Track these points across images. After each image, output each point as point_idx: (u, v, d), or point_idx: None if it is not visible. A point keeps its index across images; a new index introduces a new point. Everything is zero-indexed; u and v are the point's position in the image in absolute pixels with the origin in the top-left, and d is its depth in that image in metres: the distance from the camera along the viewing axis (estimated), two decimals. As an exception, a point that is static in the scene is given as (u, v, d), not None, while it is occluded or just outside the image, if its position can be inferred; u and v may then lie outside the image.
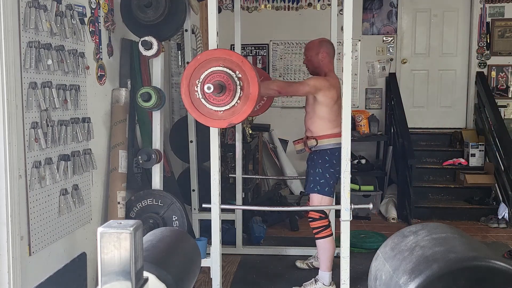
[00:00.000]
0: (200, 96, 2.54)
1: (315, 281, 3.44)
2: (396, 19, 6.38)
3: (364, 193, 5.71)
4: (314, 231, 3.38)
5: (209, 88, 2.40)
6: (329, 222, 3.42)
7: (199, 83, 2.52)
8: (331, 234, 3.40)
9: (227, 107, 2.54)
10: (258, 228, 4.52)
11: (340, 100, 3.17)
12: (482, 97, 6.14)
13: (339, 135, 3.35)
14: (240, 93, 2.51)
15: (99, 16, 3.07)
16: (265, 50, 6.41)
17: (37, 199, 2.39)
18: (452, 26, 6.38)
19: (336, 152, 3.35)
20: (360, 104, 6.45)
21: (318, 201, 3.38)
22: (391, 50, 6.42)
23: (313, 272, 3.65)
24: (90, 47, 2.95)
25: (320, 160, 3.38)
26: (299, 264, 3.93)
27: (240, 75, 2.52)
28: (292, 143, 3.61)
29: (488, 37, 6.27)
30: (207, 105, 2.54)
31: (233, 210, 4.29)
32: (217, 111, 2.55)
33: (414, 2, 6.38)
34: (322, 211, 3.35)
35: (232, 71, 2.51)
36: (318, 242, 3.39)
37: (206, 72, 2.51)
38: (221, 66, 2.51)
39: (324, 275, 3.41)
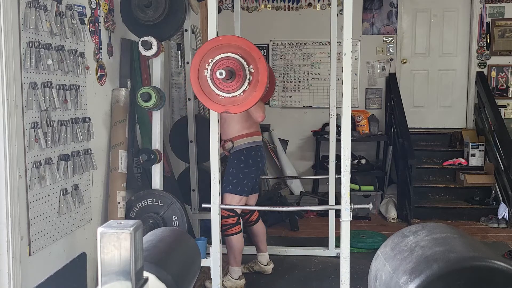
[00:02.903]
0: (208, 75, 2.54)
1: (225, 274, 3.51)
2: (396, 19, 6.38)
3: (364, 193, 5.71)
4: (223, 228, 3.41)
5: (221, 74, 2.42)
6: (238, 219, 3.47)
7: (211, 63, 2.52)
8: (240, 231, 3.46)
9: (229, 95, 2.54)
10: (258, 228, 4.51)
11: None
12: (482, 97, 6.14)
13: (253, 134, 3.50)
14: (246, 87, 2.52)
15: (99, 16, 3.07)
16: (265, 50, 6.41)
17: (37, 199, 2.39)
18: (452, 26, 6.38)
19: (252, 151, 3.45)
20: (360, 104, 6.45)
21: (229, 199, 3.44)
22: (391, 50, 6.42)
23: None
24: (90, 47, 2.94)
25: (235, 160, 3.46)
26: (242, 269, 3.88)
27: (252, 70, 2.53)
28: None
29: (488, 37, 6.27)
30: (211, 85, 2.54)
31: (233, 210, 4.28)
32: (219, 95, 2.55)
33: (414, 2, 6.38)
34: (231, 210, 3.40)
35: (247, 64, 2.52)
36: (226, 239, 3.44)
37: (222, 55, 2.51)
38: (238, 55, 2.51)
39: (233, 270, 3.52)
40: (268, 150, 6.25)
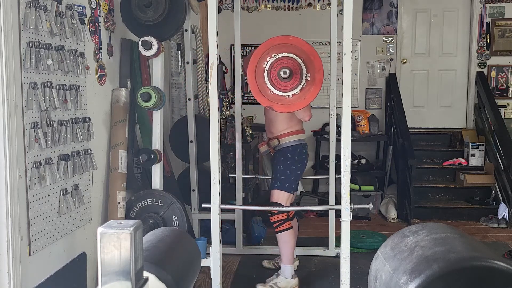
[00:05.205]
0: (267, 68, 2.61)
1: (277, 275, 3.50)
2: (396, 19, 6.38)
3: (364, 193, 5.71)
4: (274, 225, 3.47)
5: (284, 73, 2.51)
6: (288, 216, 3.50)
7: (274, 57, 2.59)
8: (291, 227, 3.48)
9: (279, 93, 2.61)
10: (258, 228, 4.52)
11: None
12: (482, 97, 6.14)
13: (299, 132, 3.56)
14: (297, 92, 2.60)
15: (99, 16, 3.07)
16: (265, 50, 6.39)
17: (37, 199, 2.39)
18: (452, 26, 6.38)
19: (297, 149, 3.51)
20: (360, 104, 6.44)
21: (276, 196, 3.48)
22: (391, 50, 6.42)
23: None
24: (90, 47, 2.94)
25: (282, 158, 3.50)
26: (265, 264, 3.97)
27: (308, 79, 2.59)
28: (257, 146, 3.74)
29: (488, 37, 6.27)
30: (266, 78, 2.61)
31: (233, 210, 4.28)
32: (269, 89, 2.61)
33: (414, 2, 6.38)
34: (280, 205, 3.43)
35: (306, 71, 2.58)
36: (278, 235, 3.48)
37: (287, 54, 2.58)
38: (301, 59, 2.57)
39: (286, 268, 3.48)
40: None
